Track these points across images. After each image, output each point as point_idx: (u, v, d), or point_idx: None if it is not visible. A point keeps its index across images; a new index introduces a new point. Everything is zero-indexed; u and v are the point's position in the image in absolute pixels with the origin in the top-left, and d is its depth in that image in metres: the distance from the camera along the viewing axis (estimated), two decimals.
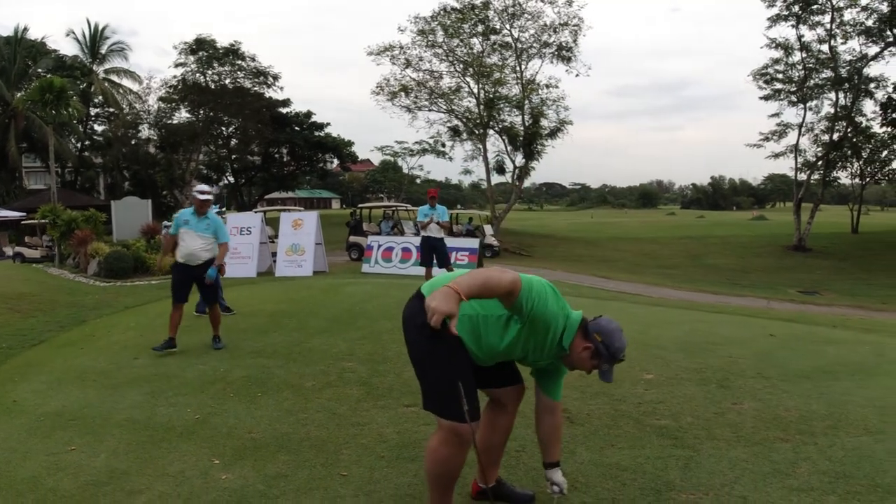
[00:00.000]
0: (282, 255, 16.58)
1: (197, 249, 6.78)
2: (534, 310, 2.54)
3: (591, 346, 2.65)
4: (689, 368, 5.23)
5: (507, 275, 2.49)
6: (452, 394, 2.48)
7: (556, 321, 2.63)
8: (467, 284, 2.38)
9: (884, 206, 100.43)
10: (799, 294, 20.13)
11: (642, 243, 37.87)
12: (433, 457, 2.66)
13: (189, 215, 6.85)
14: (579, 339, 2.66)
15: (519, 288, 2.48)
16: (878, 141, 37.10)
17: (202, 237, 6.80)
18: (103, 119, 43.25)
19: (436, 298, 2.32)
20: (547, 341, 2.65)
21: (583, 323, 2.70)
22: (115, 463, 3.72)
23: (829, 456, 3.48)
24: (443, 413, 2.60)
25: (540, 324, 2.60)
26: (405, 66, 33.56)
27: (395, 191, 66.90)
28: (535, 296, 2.54)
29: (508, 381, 2.93)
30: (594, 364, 2.67)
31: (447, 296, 2.32)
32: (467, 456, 2.66)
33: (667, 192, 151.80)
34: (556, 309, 2.62)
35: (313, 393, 4.92)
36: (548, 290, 2.62)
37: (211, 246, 6.86)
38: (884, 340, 6.77)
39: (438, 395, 2.60)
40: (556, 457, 2.95)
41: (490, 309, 2.64)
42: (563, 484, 2.91)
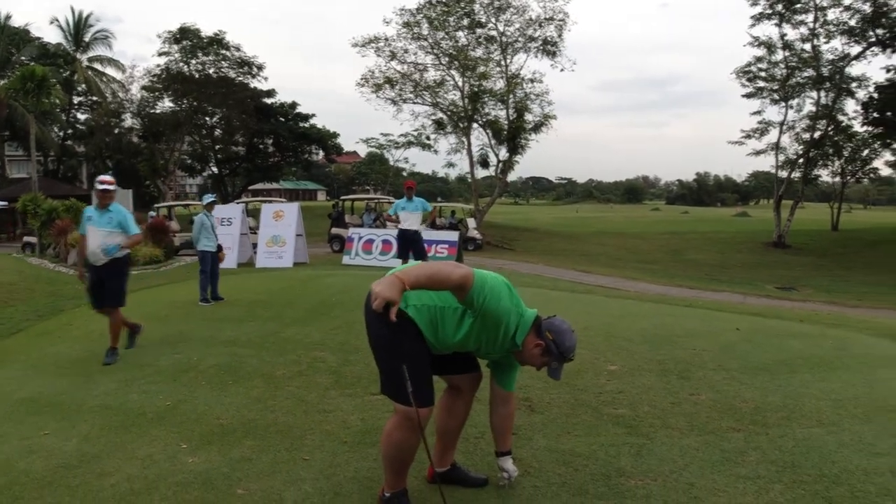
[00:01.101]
0: (262, 246, 16.61)
1: (97, 248, 6.08)
2: (485, 305, 2.64)
3: (543, 343, 2.76)
4: (653, 360, 5.36)
5: (459, 270, 2.59)
6: (402, 379, 2.59)
7: (509, 317, 2.72)
8: (414, 275, 2.50)
9: (867, 205, 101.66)
10: (776, 290, 20.41)
11: (625, 238, 38.16)
12: (388, 440, 2.77)
13: (92, 210, 6.20)
14: (532, 337, 2.78)
15: (470, 283, 2.59)
16: (859, 140, 37.59)
17: (104, 233, 6.10)
18: (86, 108, 42.86)
19: (381, 284, 2.44)
20: (499, 336, 2.75)
21: (536, 321, 2.81)
22: (86, 447, 3.81)
23: (780, 446, 3.59)
24: (398, 398, 2.70)
25: (491, 319, 2.69)
26: (390, 58, 33.57)
27: (380, 183, 66.83)
28: (488, 292, 2.64)
29: (466, 368, 3.04)
30: (544, 361, 2.79)
31: (391, 284, 2.44)
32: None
33: (652, 188, 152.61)
34: (510, 306, 2.72)
35: (283, 381, 5.00)
36: (502, 287, 2.72)
37: (118, 241, 6.13)
38: (847, 335, 6.92)
39: (393, 380, 2.69)
40: (507, 446, 3.08)
41: (448, 301, 2.74)
42: (512, 472, 3.04)
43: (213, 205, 10.17)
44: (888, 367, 5.31)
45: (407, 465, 2.84)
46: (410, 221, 10.85)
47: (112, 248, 6.05)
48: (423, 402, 2.65)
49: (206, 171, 49.54)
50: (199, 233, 9.63)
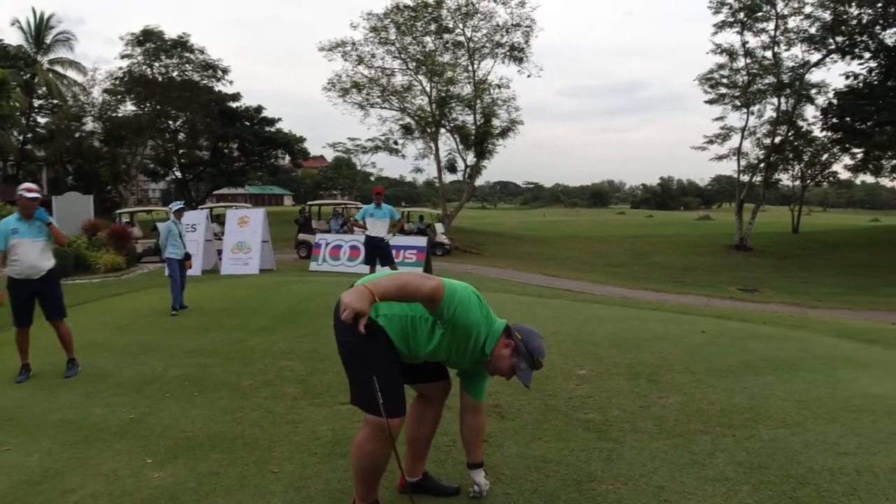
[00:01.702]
0: (227, 252, 16.37)
1: (37, 260, 5.79)
2: (455, 316, 2.64)
3: (512, 342, 2.77)
4: (621, 364, 5.41)
5: (429, 282, 2.58)
6: (372, 389, 2.56)
7: (479, 328, 2.73)
8: (384, 287, 2.47)
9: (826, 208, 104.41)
10: (739, 292, 20.81)
11: (591, 242, 38.56)
12: (359, 451, 2.74)
13: (16, 222, 5.73)
14: (501, 347, 2.78)
15: (441, 295, 2.58)
16: (818, 145, 38.57)
17: (38, 243, 5.80)
18: (46, 111, 41.72)
19: (350, 295, 2.41)
20: (469, 347, 2.76)
21: (506, 330, 2.82)
22: (48, 462, 3.71)
23: (747, 448, 3.65)
24: (368, 408, 2.68)
25: (461, 330, 2.70)
26: (357, 62, 33.42)
27: (348, 188, 66.45)
28: (458, 303, 2.63)
29: (435, 377, 3.03)
30: (513, 363, 2.78)
31: (361, 294, 2.41)
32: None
33: (618, 192, 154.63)
34: (479, 316, 2.72)
35: (250, 392, 4.93)
36: (472, 298, 2.71)
37: (49, 250, 5.94)
38: (810, 337, 7.08)
39: (364, 391, 2.66)
40: (478, 458, 3.07)
41: (418, 311, 2.73)
42: (483, 486, 3.04)
43: (181, 212, 9.98)
44: (850, 368, 5.44)
45: (379, 476, 2.82)
46: (378, 228, 10.66)
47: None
48: (394, 412, 2.62)
49: (170, 176, 48.66)
50: (166, 240, 9.44)
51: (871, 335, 7.35)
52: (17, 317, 5.88)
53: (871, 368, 5.52)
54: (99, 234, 17.88)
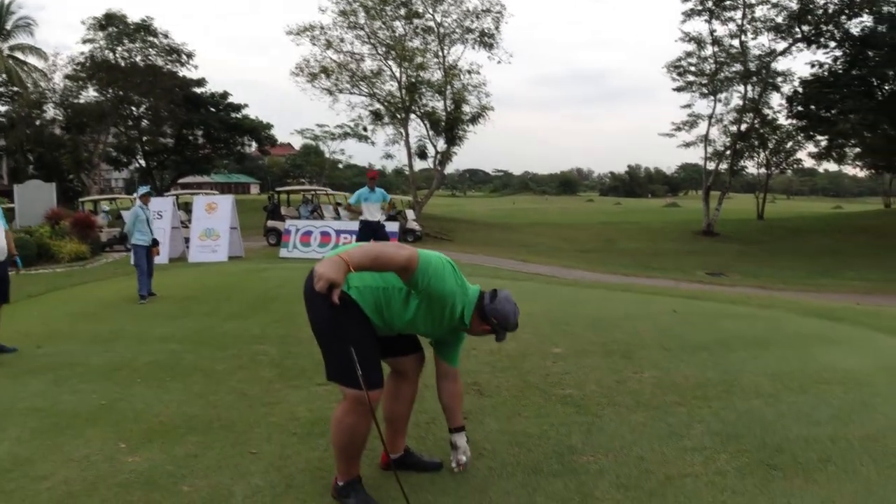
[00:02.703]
0: (195, 240, 16.09)
1: (4, 242, 6.07)
2: (430, 286, 2.61)
3: (489, 327, 2.79)
4: (596, 342, 5.46)
5: (402, 251, 2.54)
6: (351, 363, 2.53)
7: (454, 298, 2.71)
8: (359, 257, 2.43)
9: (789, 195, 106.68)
10: (706, 276, 21.14)
11: (561, 228, 38.85)
12: (338, 426, 2.71)
13: None
14: (477, 322, 2.79)
15: (415, 264, 2.55)
16: (783, 132, 39.33)
17: (4, 229, 6.11)
18: (6, 99, 40.34)
19: (324, 265, 2.37)
20: (445, 316, 2.74)
21: (480, 298, 2.81)
22: (18, 450, 3.59)
23: (723, 418, 3.72)
24: (346, 382, 2.64)
25: (437, 300, 2.68)
26: (326, 47, 32.95)
27: (316, 175, 65.84)
28: (432, 273, 2.61)
29: (408, 350, 3.01)
30: (490, 332, 2.83)
31: (335, 264, 2.37)
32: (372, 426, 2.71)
33: (586, 180, 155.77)
34: (454, 286, 2.70)
35: (224, 376, 4.84)
36: (446, 267, 2.69)
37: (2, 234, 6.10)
38: (779, 315, 7.25)
39: (340, 364, 2.63)
40: (459, 422, 3.06)
41: (391, 282, 2.70)
42: (466, 449, 3.04)
43: (148, 196, 9.69)
44: (819, 344, 5.58)
45: (359, 452, 2.79)
46: (373, 212, 10.69)
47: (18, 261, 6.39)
48: (372, 384, 2.60)
49: (133, 165, 47.67)
50: (133, 225, 9.19)
51: (837, 314, 7.55)
52: None
53: (840, 344, 5.67)
54: (62, 223, 17.45)
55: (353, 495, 2.75)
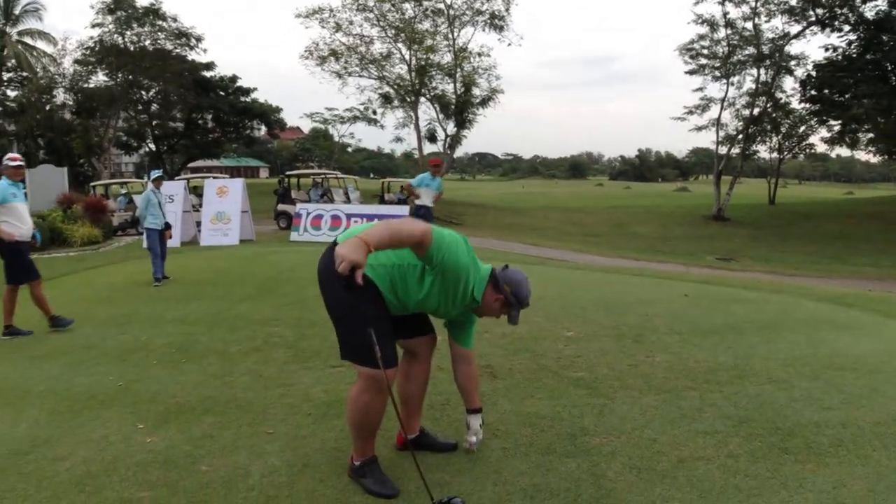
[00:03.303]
0: (206, 223, 16.15)
1: (30, 222, 6.43)
2: (444, 261, 2.62)
3: (502, 297, 2.80)
4: (607, 326, 5.48)
5: (418, 225, 2.56)
6: (369, 341, 2.54)
7: (468, 273, 2.72)
8: (377, 236, 2.43)
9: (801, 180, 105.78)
10: (716, 260, 21.06)
11: (570, 212, 38.71)
12: (354, 405, 2.74)
13: (12, 186, 6.21)
14: (490, 292, 2.80)
15: (430, 239, 2.56)
16: (796, 117, 38.84)
17: (27, 207, 6.43)
18: (16, 84, 40.40)
19: (345, 247, 2.37)
20: (459, 292, 2.75)
21: (492, 274, 2.83)
22: (36, 432, 3.65)
23: (734, 402, 3.73)
24: (361, 361, 2.67)
25: (451, 275, 2.68)
26: (335, 29, 32.79)
27: (325, 159, 65.76)
28: (447, 247, 2.62)
29: (421, 331, 3.03)
30: (504, 311, 2.83)
31: (356, 246, 2.36)
32: (387, 406, 2.74)
33: (596, 164, 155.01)
34: (467, 261, 2.72)
35: (239, 357, 4.90)
36: (459, 243, 2.71)
37: None
38: (790, 300, 7.22)
39: (356, 344, 2.65)
40: (476, 403, 3.08)
41: (406, 259, 2.71)
42: (478, 431, 3.06)
43: (160, 180, 9.72)
44: (830, 330, 5.56)
45: (375, 430, 2.82)
46: (428, 198, 10.89)
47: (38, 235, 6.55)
48: (389, 362, 2.62)
49: (143, 149, 47.74)
50: (145, 209, 9.24)
51: (848, 299, 7.51)
52: (33, 272, 6.31)
53: (851, 330, 5.65)
54: (74, 208, 17.55)
55: (370, 474, 2.79)
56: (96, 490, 2.88)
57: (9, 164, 6.25)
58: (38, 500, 2.82)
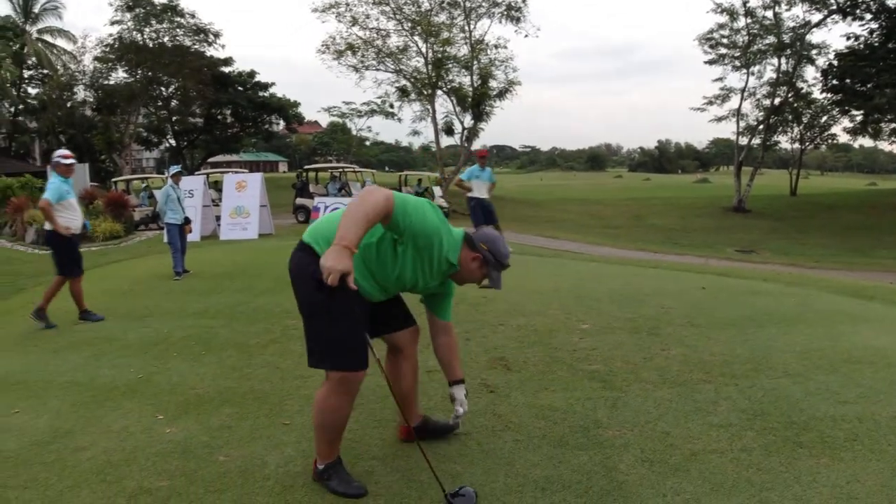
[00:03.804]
0: (226, 218, 16.34)
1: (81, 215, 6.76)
2: (413, 224, 2.52)
3: (480, 255, 2.72)
4: (623, 318, 5.46)
5: (378, 194, 2.44)
6: (339, 344, 2.55)
7: (440, 234, 2.63)
8: (353, 232, 2.36)
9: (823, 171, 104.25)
10: (736, 252, 20.88)
11: (588, 205, 38.54)
12: (321, 406, 2.70)
13: (65, 183, 6.55)
14: (466, 252, 2.73)
15: (392, 203, 2.45)
16: (817, 107, 38.30)
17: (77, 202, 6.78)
18: (37, 81, 40.98)
19: (329, 258, 2.31)
20: (434, 258, 2.66)
21: (466, 237, 2.77)
22: (58, 423, 3.73)
23: (749, 396, 3.71)
24: (330, 365, 2.64)
25: (422, 239, 2.58)
26: (351, 23, 32.86)
27: (343, 153, 65.98)
28: (412, 210, 2.52)
29: (402, 324, 3.01)
30: (483, 273, 2.76)
31: (339, 253, 2.31)
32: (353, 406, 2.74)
33: (615, 156, 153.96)
34: (436, 222, 2.62)
35: (257, 350, 4.97)
36: (425, 205, 2.61)
37: None
38: (809, 292, 7.14)
39: (325, 347, 2.62)
40: (458, 374, 3.06)
41: (377, 234, 2.62)
42: (463, 402, 3.03)
43: (179, 175, 9.86)
44: (849, 322, 5.50)
45: (340, 434, 2.79)
46: (481, 190, 10.96)
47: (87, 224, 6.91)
48: (363, 364, 2.61)
49: (164, 144, 48.25)
50: (164, 204, 9.37)
51: (869, 292, 7.41)
52: (78, 266, 6.61)
53: (871, 323, 5.58)
54: (96, 203, 17.81)
55: (335, 476, 2.77)
56: (116, 479, 2.95)
57: (61, 161, 6.53)
58: (60, 489, 2.89)
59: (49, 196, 6.36)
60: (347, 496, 2.70)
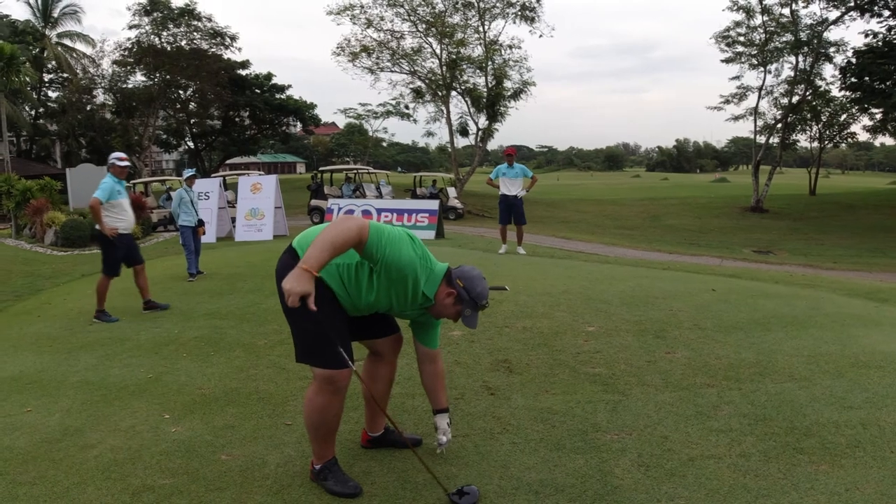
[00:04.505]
0: (241, 219, 16.50)
1: (132, 217, 7.08)
2: (386, 257, 2.54)
3: (454, 291, 2.71)
4: (630, 321, 5.44)
5: (350, 224, 2.48)
6: (324, 343, 2.57)
7: (415, 269, 2.63)
8: (317, 258, 2.40)
9: (844, 170, 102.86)
10: (753, 253, 20.67)
11: (604, 205, 38.35)
12: (310, 406, 2.74)
13: (118, 184, 6.86)
14: (443, 287, 2.72)
15: (366, 234, 2.49)
16: (836, 105, 37.83)
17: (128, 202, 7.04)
18: (57, 85, 41.66)
19: (289, 280, 2.39)
20: (408, 291, 2.67)
21: (447, 273, 2.76)
22: (69, 421, 3.81)
23: (752, 400, 3.68)
24: (314, 362, 2.68)
25: (395, 272, 2.60)
26: (366, 25, 33.02)
27: (360, 154, 66.25)
28: (386, 242, 2.54)
29: (385, 331, 3.01)
30: (458, 310, 2.74)
31: (299, 277, 2.38)
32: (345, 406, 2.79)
33: (633, 155, 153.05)
34: (413, 255, 2.62)
35: (264, 350, 5.03)
36: (402, 238, 2.62)
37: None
38: (820, 295, 7.06)
39: (311, 345, 2.66)
40: (442, 403, 3.04)
41: (354, 256, 2.65)
42: (446, 430, 3.01)
43: (193, 179, 10.01)
44: (860, 326, 5.44)
45: (333, 432, 2.82)
46: (510, 187, 11.12)
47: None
48: (343, 362, 2.61)
49: (182, 146, 48.75)
50: (178, 207, 9.49)
51: (883, 294, 7.33)
52: (117, 266, 6.86)
53: (882, 326, 5.51)
54: None
55: (331, 476, 2.80)
56: (121, 477, 3.01)
57: (116, 163, 6.87)
58: (67, 486, 2.96)
59: (100, 195, 6.63)
60: (344, 496, 2.74)
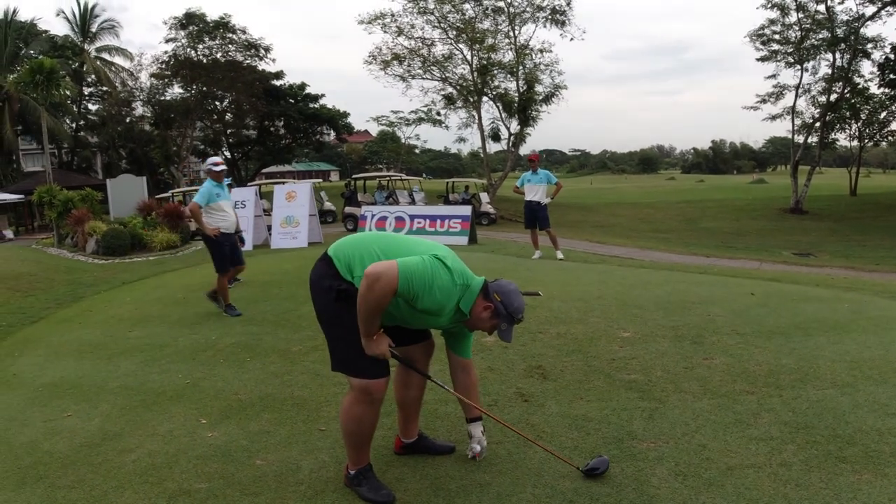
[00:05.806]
0: (276, 227, 16.72)
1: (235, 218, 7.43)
2: (417, 294, 2.57)
3: (492, 305, 2.72)
4: (666, 326, 5.35)
5: (381, 286, 2.50)
6: (359, 352, 2.62)
7: (447, 301, 2.66)
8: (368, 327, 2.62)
9: (885, 169, 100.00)
10: (793, 256, 20.18)
11: (639, 208, 37.88)
12: (347, 416, 2.79)
13: (217, 187, 7.14)
14: (480, 301, 2.73)
15: (395, 286, 2.52)
16: (876, 102, 36.82)
17: (231, 203, 7.41)
18: (97, 98, 42.86)
19: (368, 349, 2.65)
20: (443, 317, 2.73)
21: (484, 286, 2.76)
22: (108, 426, 3.91)
23: (793, 408, 3.59)
24: (351, 372, 2.72)
25: (429, 302, 2.62)
26: (397, 33, 33.17)
27: (393, 161, 66.63)
28: (418, 288, 2.56)
29: (417, 338, 3.03)
30: (494, 324, 2.74)
31: (369, 345, 2.65)
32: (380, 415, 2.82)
33: (667, 157, 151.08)
34: (447, 286, 2.63)
35: (299, 356, 5.07)
36: (436, 270, 2.61)
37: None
38: (864, 298, 6.85)
39: (346, 354, 2.71)
40: (475, 412, 3.04)
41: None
42: (481, 439, 3.02)
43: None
44: None
45: (368, 440, 2.86)
46: (534, 193, 11.19)
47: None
48: (379, 372, 2.69)
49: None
50: None
51: None
52: (227, 262, 7.21)
53: None
54: (153, 215, 18.46)
55: (365, 483, 2.84)
56: (158, 481, 3.07)
57: (213, 168, 7.25)
58: (105, 489, 3.03)
59: (198, 199, 6.97)
60: (376, 503, 2.75)
